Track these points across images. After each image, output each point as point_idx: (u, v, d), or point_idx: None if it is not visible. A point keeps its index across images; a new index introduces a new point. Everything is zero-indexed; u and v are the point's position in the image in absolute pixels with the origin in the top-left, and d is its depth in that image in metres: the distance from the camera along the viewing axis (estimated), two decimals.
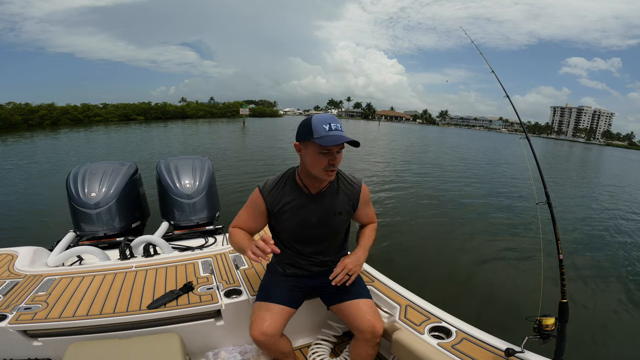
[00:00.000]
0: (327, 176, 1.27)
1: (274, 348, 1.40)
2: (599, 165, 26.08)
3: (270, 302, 1.42)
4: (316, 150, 1.21)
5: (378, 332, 1.38)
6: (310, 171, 1.27)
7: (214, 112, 64.58)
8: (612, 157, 40.91)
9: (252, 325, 1.37)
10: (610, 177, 17.24)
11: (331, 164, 1.23)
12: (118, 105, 53.58)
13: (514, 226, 6.36)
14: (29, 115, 37.22)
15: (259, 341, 1.35)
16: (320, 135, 1.18)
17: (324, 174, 1.26)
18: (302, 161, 1.30)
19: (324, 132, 1.18)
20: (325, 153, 1.21)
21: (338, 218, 1.40)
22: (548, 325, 1.16)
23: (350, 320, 1.44)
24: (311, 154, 1.23)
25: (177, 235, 2.80)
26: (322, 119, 1.21)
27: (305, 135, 1.22)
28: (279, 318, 1.39)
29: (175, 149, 15.75)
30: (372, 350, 1.42)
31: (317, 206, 1.37)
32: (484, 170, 14.33)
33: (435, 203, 7.74)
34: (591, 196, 10.50)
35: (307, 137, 1.21)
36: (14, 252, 2.06)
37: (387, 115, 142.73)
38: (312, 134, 1.19)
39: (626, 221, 7.60)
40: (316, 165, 1.24)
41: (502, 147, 30.88)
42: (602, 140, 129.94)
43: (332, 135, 1.18)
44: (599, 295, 3.96)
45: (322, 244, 1.47)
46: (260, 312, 1.39)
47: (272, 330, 1.35)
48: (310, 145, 1.22)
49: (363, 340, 1.40)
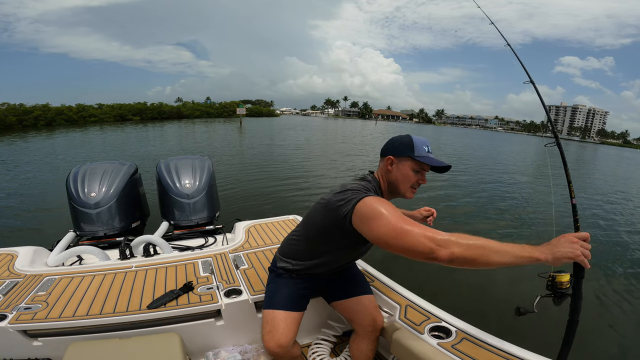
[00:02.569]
0: (411, 193, 1.30)
1: (287, 356, 1.38)
2: (595, 163, 26.14)
3: (280, 309, 1.39)
4: (412, 167, 1.26)
5: (379, 325, 1.45)
6: (399, 186, 1.29)
7: (211, 112, 64.16)
8: (607, 154, 40.93)
9: (266, 337, 1.34)
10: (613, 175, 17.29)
11: (419, 182, 1.29)
12: (113, 105, 52.96)
13: (518, 225, 6.37)
14: (23, 116, 36.80)
15: (275, 353, 1.33)
16: (421, 155, 1.24)
17: (409, 191, 1.29)
18: (391, 176, 1.30)
19: (425, 153, 1.25)
20: (418, 172, 1.27)
21: None
22: (563, 283, 1.08)
23: (352, 315, 1.49)
24: (406, 169, 1.27)
25: (177, 235, 2.80)
26: (422, 141, 1.27)
27: (405, 151, 1.26)
28: (292, 325, 1.37)
29: (174, 149, 15.74)
30: (372, 344, 1.47)
31: None
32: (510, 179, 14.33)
33: (435, 201, 7.75)
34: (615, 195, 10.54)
35: (406, 153, 1.25)
36: (14, 252, 2.06)
37: (383, 115, 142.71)
38: (414, 151, 1.24)
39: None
40: (407, 181, 1.27)
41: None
42: (597, 139, 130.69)
43: (433, 158, 1.26)
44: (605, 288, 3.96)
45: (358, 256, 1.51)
46: (274, 322, 1.36)
47: (287, 340, 1.33)
48: (407, 161, 1.26)
49: (364, 335, 1.45)
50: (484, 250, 0.92)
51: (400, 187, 1.29)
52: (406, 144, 1.26)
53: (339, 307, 1.53)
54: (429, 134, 46.12)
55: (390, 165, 1.29)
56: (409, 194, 1.29)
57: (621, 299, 3.88)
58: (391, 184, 1.30)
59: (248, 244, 2.20)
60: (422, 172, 1.28)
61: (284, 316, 1.37)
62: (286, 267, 1.46)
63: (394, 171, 1.29)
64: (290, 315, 1.38)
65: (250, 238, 2.29)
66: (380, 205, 1.10)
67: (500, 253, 0.91)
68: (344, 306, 1.51)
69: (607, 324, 3.35)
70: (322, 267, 1.41)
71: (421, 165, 1.26)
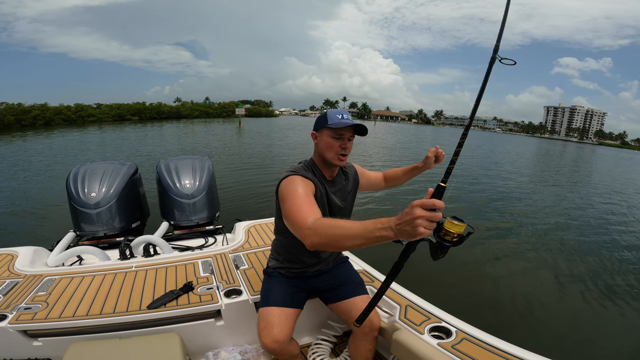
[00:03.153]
0: (339, 160, 1.36)
1: (284, 353, 1.40)
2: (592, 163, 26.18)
3: (275, 306, 1.42)
4: (330, 135, 1.35)
5: (375, 325, 1.44)
6: (325, 155, 1.37)
7: (210, 112, 64.03)
8: (605, 155, 41.01)
9: (262, 334, 1.36)
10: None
11: (343, 147, 1.35)
12: (112, 105, 52.80)
13: (509, 228, 6.38)
14: (21, 116, 36.72)
15: (272, 349, 1.35)
16: (334, 122, 1.33)
17: (336, 158, 1.36)
18: (318, 149, 1.41)
19: (337, 120, 1.33)
20: (337, 138, 1.34)
21: (352, 197, 1.55)
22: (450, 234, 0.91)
23: (348, 317, 1.48)
24: (326, 139, 1.36)
25: (177, 235, 2.80)
26: (335, 110, 1.38)
27: (321, 123, 1.37)
28: (287, 322, 1.39)
29: (173, 149, 15.73)
30: (371, 344, 1.46)
31: (336, 190, 1.49)
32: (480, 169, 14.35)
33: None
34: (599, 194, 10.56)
35: (322, 125, 1.36)
36: (14, 252, 2.06)
37: (382, 115, 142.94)
38: (327, 121, 1.34)
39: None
40: (330, 149, 1.35)
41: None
42: (595, 140, 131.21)
43: (344, 120, 1.34)
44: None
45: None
46: (268, 318, 1.38)
47: (283, 336, 1.35)
48: (325, 131, 1.36)
49: (361, 335, 1.44)
50: (337, 238, 0.94)
51: (326, 155, 1.37)
52: (322, 118, 1.37)
53: (336, 309, 1.54)
54: (427, 135, 46.20)
55: (315, 139, 1.41)
56: (336, 160, 1.36)
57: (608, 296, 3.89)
58: (320, 155, 1.40)
59: (248, 244, 2.21)
60: (342, 138, 1.34)
61: (279, 312, 1.40)
62: (275, 265, 1.56)
63: (319, 143, 1.39)
64: (284, 312, 1.41)
65: (250, 238, 2.29)
66: (291, 185, 1.22)
67: (354, 237, 0.90)
68: (340, 308, 1.51)
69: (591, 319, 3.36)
70: (299, 258, 1.50)
71: (337, 132, 1.33)
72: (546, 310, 3.47)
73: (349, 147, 1.38)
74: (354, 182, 1.58)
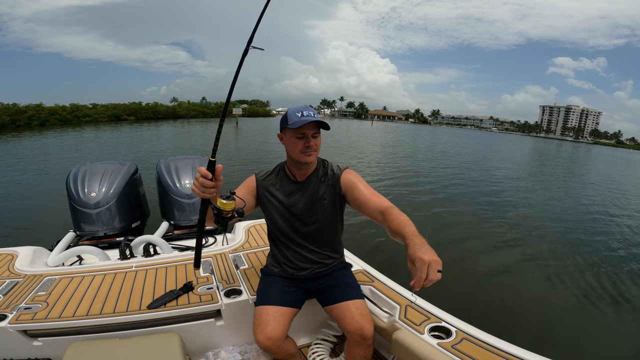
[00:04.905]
0: (305, 157, 1.35)
1: (280, 351, 1.40)
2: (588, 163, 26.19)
3: (271, 304, 1.42)
4: (292, 135, 1.34)
5: (367, 334, 1.35)
6: (292, 155, 1.38)
7: (207, 112, 63.92)
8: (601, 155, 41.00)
9: (256, 331, 1.36)
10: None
11: (306, 146, 1.34)
12: (108, 105, 52.67)
13: (510, 228, 6.37)
14: (16, 116, 36.60)
15: (265, 346, 1.35)
16: (293, 121, 1.31)
17: (302, 156, 1.35)
18: (286, 149, 1.42)
19: (297, 119, 1.31)
20: (300, 137, 1.33)
21: (322, 204, 1.43)
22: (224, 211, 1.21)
23: (339, 322, 1.43)
24: (289, 139, 1.36)
25: (177, 235, 2.80)
26: (295, 109, 1.34)
27: (283, 124, 1.36)
28: (282, 320, 1.39)
29: (172, 149, 15.73)
30: (365, 351, 1.39)
31: (303, 192, 1.45)
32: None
33: (433, 201, 7.75)
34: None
35: (284, 125, 1.36)
36: (14, 252, 2.06)
37: (379, 115, 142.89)
38: (287, 122, 1.33)
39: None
40: (294, 148, 1.35)
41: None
42: (590, 139, 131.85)
43: (302, 119, 1.30)
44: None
45: (311, 236, 1.49)
46: (263, 316, 1.38)
47: (276, 333, 1.34)
48: (287, 132, 1.36)
49: (353, 342, 1.39)
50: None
51: (292, 155, 1.38)
52: (284, 119, 1.37)
53: (330, 312, 1.49)
54: (425, 134, 46.17)
55: (282, 140, 1.41)
56: (303, 158, 1.35)
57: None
58: (288, 156, 1.43)
59: (248, 244, 2.21)
60: (304, 136, 1.33)
61: (274, 311, 1.40)
62: (272, 264, 1.57)
63: (285, 144, 1.40)
64: (279, 310, 1.40)
65: (250, 238, 2.29)
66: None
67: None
68: (332, 312, 1.46)
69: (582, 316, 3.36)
70: (285, 255, 1.52)
71: (297, 131, 1.32)
72: (546, 310, 3.47)
73: (315, 144, 1.35)
74: (332, 189, 1.43)
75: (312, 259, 1.51)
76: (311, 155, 1.36)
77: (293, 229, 1.48)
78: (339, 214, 1.49)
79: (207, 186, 1.16)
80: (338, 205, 1.46)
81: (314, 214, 1.45)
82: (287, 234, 1.49)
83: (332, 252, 1.55)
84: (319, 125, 1.34)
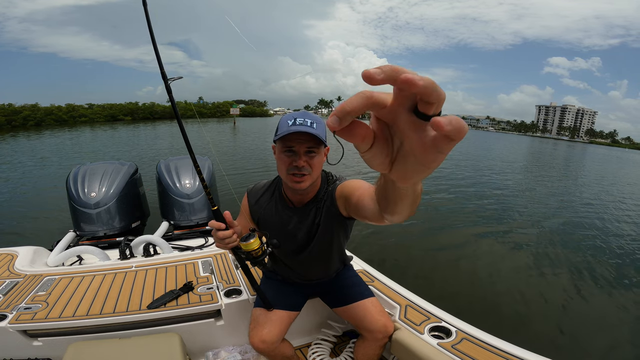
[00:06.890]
0: (292, 182, 1.05)
1: (275, 354, 1.36)
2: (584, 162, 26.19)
3: (267, 307, 1.39)
4: (280, 149, 1.05)
5: (390, 330, 1.35)
6: (281, 175, 1.11)
7: (204, 112, 64.18)
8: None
9: (251, 333, 1.34)
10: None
11: (294, 165, 1.02)
12: (104, 105, 52.93)
13: (510, 228, 6.38)
14: (12, 116, 36.71)
15: (259, 349, 1.33)
16: (281, 130, 1.01)
17: (289, 178, 1.05)
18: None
19: (286, 128, 1.00)
20: (287, 152, 1.03)
21: (319, 230, 1.20)
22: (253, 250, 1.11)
23: (358, 322, 1.38)
24: (278, 154, 1.07)
25: (177, 235, 2.80)
26: (289, 115, 1.04)
27: (275, 135, 1.05)
28: (279, 324, 1.35)
29: (171, 149, 15.72)
30: (380, 349, 1.39)
31: (301, 220, 1.21)
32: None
33: (432, 201, 7.75)
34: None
35: (275, 137, 1.05)
36: (14, 252, 2.06)
37: None
38: (277, 131, 1.04)
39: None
40: (282, 166, 1.06)
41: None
42: (586, 138, 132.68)
43: (292, 128, 0.98)
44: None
45: (313, 259, 1.31)
46: (259, 319, 1.35)
47: (271, 337, 1.31)
48: (278, 143, 1.06)
49: (372, 341, 1.36)
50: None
51: (281, 175, 1.10)
52: (276, 128, 1.06)
53: (344, 314, 1.43)
54: None
55: (274, 154, 1.11)
56: (290, 182, 1.06)
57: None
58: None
59: None
60: (293, 152, 1.02)
61: (271, 313, 1.37)
62: (272, 268, 1.49)
63: (276, 159, 1.10)
64: (277, 313, 1.37)
65: None
66: (242, 202, 1.34)
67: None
68: (347, 312, 1.41)
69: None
70: (286, 272, 1.43)
71: (285, 144, 1.01)
72: (546, 310, 3.47)
73: (308, 164, 1.03)
74: (327, 212, 1.16)
75: (315, 273, 1.43)
76: (301, 181, 1.04)
77: (293, 254, 1.32)
78: (342, 234, 1.26)
79: (227, 236, 1.05)
80: (339, 226, 1.20)
81: (317, 243, 1.24)
82: (286, 257, 1.37)
83: (338, 262, 1.45)
84: (316, 138, 0.99)
